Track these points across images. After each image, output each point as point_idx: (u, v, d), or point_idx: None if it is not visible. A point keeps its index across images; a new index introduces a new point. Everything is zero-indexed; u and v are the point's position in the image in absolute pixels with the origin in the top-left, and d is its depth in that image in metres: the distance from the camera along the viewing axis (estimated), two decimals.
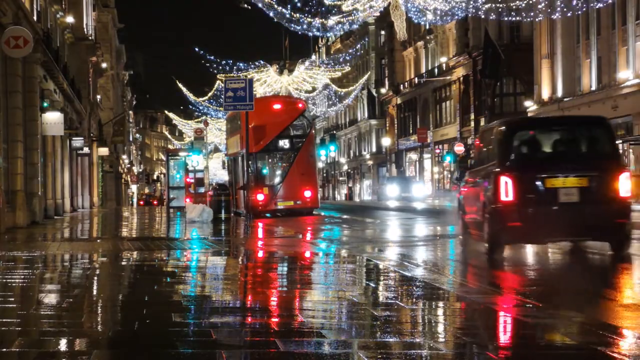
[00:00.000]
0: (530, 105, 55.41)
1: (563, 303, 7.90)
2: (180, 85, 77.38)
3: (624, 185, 12.50)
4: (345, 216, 32.69)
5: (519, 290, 9.30)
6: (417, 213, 33.41)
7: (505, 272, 11.55)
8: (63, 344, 5.92)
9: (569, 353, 5.56)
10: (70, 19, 39.05)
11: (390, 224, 25.67)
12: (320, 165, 72.09)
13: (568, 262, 13.01)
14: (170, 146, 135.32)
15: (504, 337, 6.29)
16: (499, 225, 12.49)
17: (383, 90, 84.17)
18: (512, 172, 12.44)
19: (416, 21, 49.25)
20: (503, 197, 12.36)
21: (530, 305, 7.37)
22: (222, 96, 24.66)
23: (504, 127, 13.41)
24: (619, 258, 12.21)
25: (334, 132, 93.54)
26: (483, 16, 44.44)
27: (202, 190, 46.58)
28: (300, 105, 35.81)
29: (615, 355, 5.31)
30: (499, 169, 12.62)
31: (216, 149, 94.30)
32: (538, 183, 12.38)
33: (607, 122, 13.68)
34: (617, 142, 14.49)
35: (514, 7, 41.14)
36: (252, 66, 71.12)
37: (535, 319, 6.69)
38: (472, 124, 62.59)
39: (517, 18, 42.85)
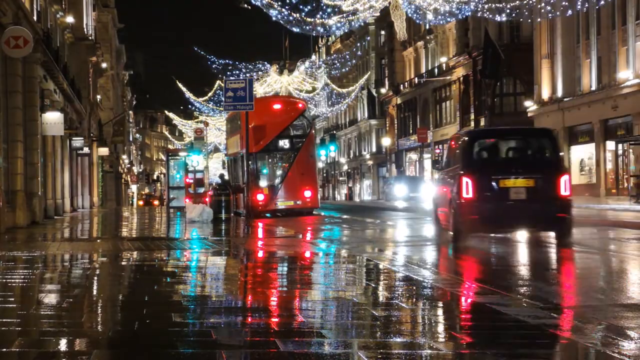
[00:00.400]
0: (530, 105, 55.42)
1: (514, 286, 9.42)
2: (180, 85, 77.45)
3: (564, 186, 14.92)
4: (345, 216, 32.68)
5: (481, 278, 10.54)
6: (423, 213, 31.82)
7: (471, 263, 13.05)
8: (63, 344, 5.92)
9: (521, 333, 6.20)
10: (70, 19, 39.05)
11: (391, 224, 25.67)
12: (320, 165, 72.08)
13: (519, 250, 15.19)
14: (170, 146, 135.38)
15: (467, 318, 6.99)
16: (461, 218, 15.01)
17: (383, 90, 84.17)
18: (471, 174, 15.03)
19: (416, 21, 49.26)
20: (464, 195, 14.90)
21: (492, 292, 8.30)
22: (223, 96, 24.64)
23: (466, 136, 16.36)
24: (562, 246, 14.61)
25: (334, 132, 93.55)
26: (486, 15, 44.35)
27: (201, 190, 46.61)
28: (300, 105, 35.82)
29: (560, 332, 6.19)
30: (461, 171, 15.17)
31: (216, 149, 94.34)
32: (493, 183, 15.01)
33: (552, 133, 16.55)
34: (560, 149, 17.79)
35: (510, 7, 41.10)
36: (251, 66, 71.14)
37: (499, 306, 7.25)
38: (472, 124, 62.58)
39: (518, 18, 42.84)
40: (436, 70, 69.85)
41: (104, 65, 57.09)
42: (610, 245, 15.71)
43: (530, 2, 41.69)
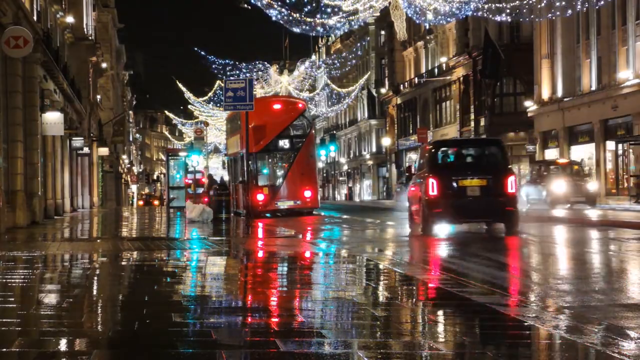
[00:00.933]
0: (530, 105, 55.42)
1: (470, 273, 11.04)
2: (180, 85, 77.47)
3: (510, 185, 18.40)
4: (345, 216, 32.68)
5: (449, 268, 12.10)
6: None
7: (438, 254, 14.74)
8: (63, 344, 5.92)
9: (470, 309, 7.03)
10: (70, 19, 39.05)
11: (391, 224, 25.67)
12: (320, 165, 72.08)
13: (476, 238, 18.20)
14: (170, 146, 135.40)
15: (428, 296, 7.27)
16: (428, 211, 18.41)
17: (383, 90, 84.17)
18: (436, 175, 18.52)
19: (416, 21, 49.27)
20: (430, 192, 18.35)
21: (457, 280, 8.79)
22: (223, 96, 24.65)
23: (432, 145, 20.53)
24: (510, 234, 18.10)
25: (334, 132, 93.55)
26: (486, 15, 44.37)
27: (200, 190, 46.61)
28: (300, 105, 35.82)
29: (508, 311, 7.06)
30: (428, 174, 18.71)
31: (216, 149, 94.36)
32: (453, 183, 18.47)
33: (501, 142, 20.32)
34: (508, 155, 21.23)
35: (510, 7, 41.12)
36: (251, 65, 71.17)
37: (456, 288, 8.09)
38: (472, 124, 62.57)
39: (518, 18, 42.86)
40: (436, 70, 69.84)
41: (104, 65, 57.10)
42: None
43: (530, 2, 41.68)
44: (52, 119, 28.86)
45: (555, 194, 34.10)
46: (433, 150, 19.87)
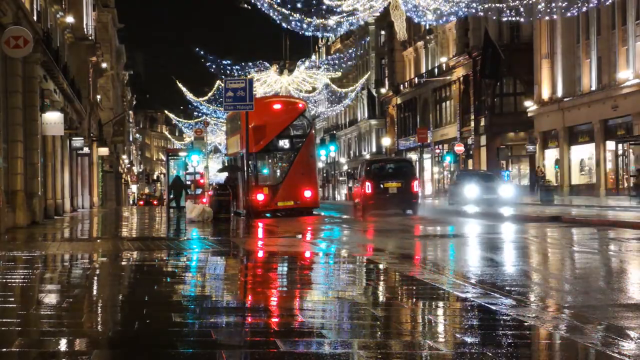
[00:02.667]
0: (530, 105, 55.44)
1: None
2: (180, 85, 77.45)
3: (414, 186, 31.45)
4: (345, 216, 32.68)
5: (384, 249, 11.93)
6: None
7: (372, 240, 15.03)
8: (63, 344, 5.92)
9: (404, 283, 6.81)
10: (70, 19, 39.06)
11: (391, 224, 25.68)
12: (320, 165, 72.08)
13: (394, 222, 25.81)
14: (170, 146, 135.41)
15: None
16: (364, 203, 31.04)
17: (383, 90, 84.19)
18: (370, 180, 31.13)
19: (416, 21, 49.26)
20: (367, 191, 30.99)
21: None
22: (223, 96, 24.65)
23: (367, 162, 33.93)
24: (414, 215, 29.88)
25: (334, 132, 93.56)
26: (487, 15, 44.37)
27: (199, 191, 46.60)
28: (300, 105, 35.80)
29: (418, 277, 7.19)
30: (365, 179, 31.41)
31: (216, 149, 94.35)
32: (381, 185, 30.92)
33: (411, 161, 42.36)
34: (415, 168, 35.65)
35: (510, 7, 41.11)
36: (251, 65, 71.12)
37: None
38: (472, 124, 62.59)
39: (518, 18, 42.84)
40: (436, 70, 69.85)
41: (104, 65, 57.11)
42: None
43: (530, 2, 41.69)
44: (52, 119, 28.86)
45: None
46: (369, 165, 33.49)
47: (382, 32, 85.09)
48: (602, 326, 6.46)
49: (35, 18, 27.59)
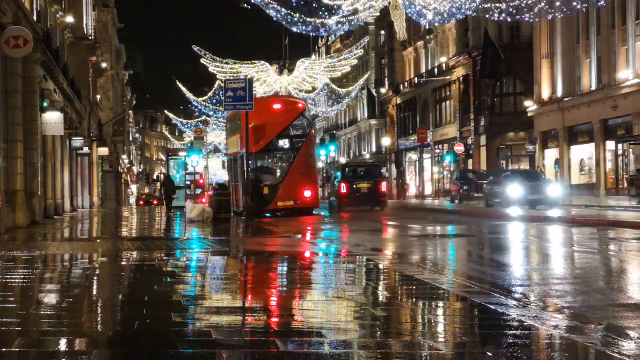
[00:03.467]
0: (530, 105, 55.43)
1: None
2: (180, 85, 77.42)
3: (383, 187, 37.68)
4: (345, 216, 32.68)
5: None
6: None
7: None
8: (63, 344, 5.92)
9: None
10: (70, 19, 39.05)
11: (391, 223, 25.67)
12: (320, 165, 72.05)
13: (365, 213, 33.63)
14: (170, 146, 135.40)
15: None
16: (340, 201, 36.44)
17: (383, 90, 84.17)
18: (345, 181, 36.74)
19: (416, 21, 49.25)
20: (342, 191, 36.38)
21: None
22: (223, 96, 24.65)
23: (343, 165, 48.32)
24: (382, 211, 35.49)
25: (334, 132, 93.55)
26: (486, 15, 44.37)
27: (199, 191, 46.58)
28: (300, 105, 35.79)
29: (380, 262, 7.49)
30: (341, 181, 37.04)
31: (216, 149, 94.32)
32: (354, 185, 36.45)
33: (380, 164, 54.28)
34: (383, 171, 45.54)
35: (510, 7, 41.11)
36: (251, 65, 71.09)
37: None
38: (472, 124, 62.58)
39: (518, 17, 42.85)
40: (436, 70, 69.84)
41: (104, 65, 57.11)
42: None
43: (530, 2, 41.69)
44: (52, 119, 28.86)
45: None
46: (344, 168, 40.97)
47: (382, 32, 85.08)
48: (602, 326, 6.46)
49: (35, 18, 27.59)
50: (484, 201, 38.41)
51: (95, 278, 10.57)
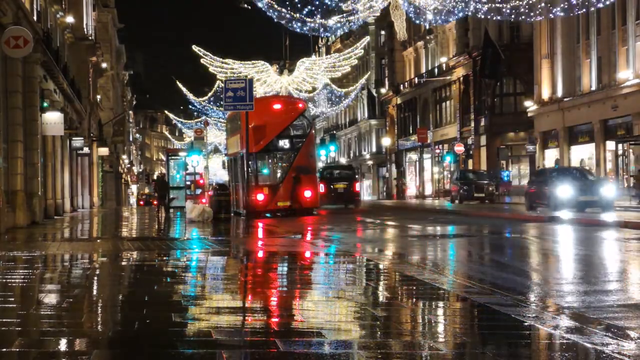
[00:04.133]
0: (530, 105, 55.42)
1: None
2: (180, 85, 77.38)
3: (357, 187, 44.50)
4: (345, 216, 32.67)
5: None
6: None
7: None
8: (63, 344, 5.92)
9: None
10: (70, 19, 39.05)
11: (391, 224, 25.66)
12: (320, 165, 71.98)
13: (340, 210, 39.37)
14: (170, 146, 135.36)
15: None
16: (322, 199, 36.60)
17: (383, 90, 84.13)
18: (324, 182, 39.71)
19: (416, 21, 49.24)
20: (321, 190, 36.27)
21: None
22: (223, 96, 24.65)
23: (322, 168, 47.51)
24: (356, 209, 39.48)
25: (334, 132, 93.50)
26: (483, 16, 44.38)
27: (199, 191, 46.53)
28: (300, 105, 35.79)
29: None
30: (320, 181, 36.57)
31: (216, 149, 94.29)
32: (331, 185, 42.05)
33: (354, 167, 57.28)
34: (357, 172, 55.30)
35: (510, 7, 41.10)
36: (251, 65, 71.10)
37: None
38: (472, 124, 62.56)
39: (518, 18, 42.83)
40: (436, 70, 69.83)
41: (104, 65, 57.10)
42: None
43: (530, 2, 41.68)
44: (52, 119, 28.86)
45: None
46: (322, 170, 43.63)
47: (382, 32, 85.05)
48: (602, 326, 6.46)
49: (35, 18, 27.58)
50: (525, 203, 33.29)
51: (95, 278, 10.57)
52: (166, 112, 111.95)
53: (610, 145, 47.71)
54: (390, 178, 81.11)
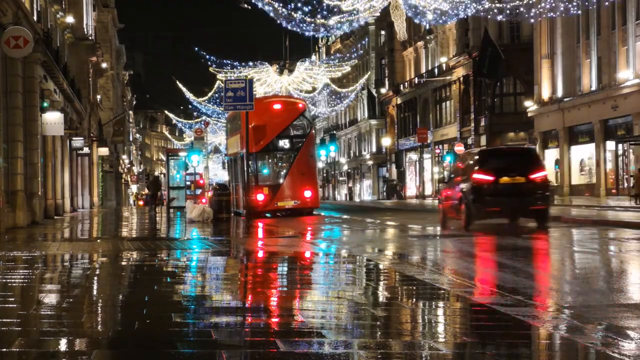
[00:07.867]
0: (530, 105, 55.42)
1: None
2: (180, 85, 77.42)
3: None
4: (345, 216, 32.67)
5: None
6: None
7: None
8: (63, 344, 5.92)
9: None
10: (70, 19, 39.06)
11: (391, 224, 25.65)
12: (320, 165, 72.03)
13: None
14: (170, 146, 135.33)
15: None
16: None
17: (383, 90, 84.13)
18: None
19: (416, 21, 49.24)
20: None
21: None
22: (223, 96, 24.65)
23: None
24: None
25: (334, 132, 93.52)
26: (487, 15, 44.36)
27: (199, 191, 46.53)
28: (300, 105, 35.78)
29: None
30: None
31: (216, 149, 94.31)
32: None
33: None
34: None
35: (510, 7, 41.09)
36: (251, 64, 71.11)
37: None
38: (472, 124, 62.58)
39: (518, 18, 42.84)
40: (436, 70, 69.83)
41: (104, 65, 57.10)
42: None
43: (530, 2, 41.67)
44: (52, 119, 28.86)
45: None
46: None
47: (382, 32, 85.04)
48: (602, 326, 6.46)
49: (35, 18, 27.59)
50: None
51: (95, 278, 10.57)
52: (166, 112, 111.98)
53: (611, 145, 47.70)
54: (389, 179, 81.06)
